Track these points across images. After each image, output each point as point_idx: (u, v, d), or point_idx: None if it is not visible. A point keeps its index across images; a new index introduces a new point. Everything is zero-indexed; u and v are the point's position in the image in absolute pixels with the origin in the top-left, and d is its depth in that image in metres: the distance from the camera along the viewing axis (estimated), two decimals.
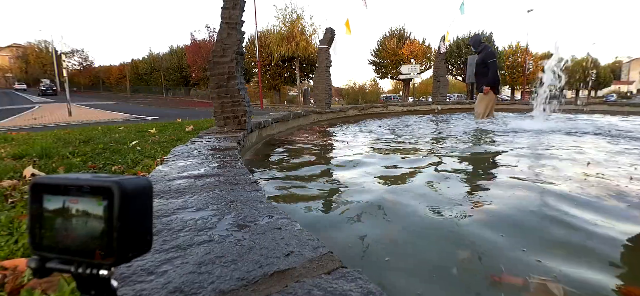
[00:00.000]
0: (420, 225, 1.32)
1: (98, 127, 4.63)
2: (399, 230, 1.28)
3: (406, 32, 29.64)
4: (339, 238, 1.21)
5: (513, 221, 1.32)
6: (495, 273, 0.95)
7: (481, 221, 1.31)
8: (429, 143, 3.37)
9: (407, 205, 1.51)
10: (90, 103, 21.97)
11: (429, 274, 0.97)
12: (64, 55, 12.18)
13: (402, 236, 1.23)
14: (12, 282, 0.76)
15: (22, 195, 1.45)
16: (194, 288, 0.59)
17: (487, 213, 1.40)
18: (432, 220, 1.35)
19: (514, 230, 1.23)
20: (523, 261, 1.01)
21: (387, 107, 8.27)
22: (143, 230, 0.31)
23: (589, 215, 1.35)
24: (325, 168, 2.37)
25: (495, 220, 1.32)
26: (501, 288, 0.89)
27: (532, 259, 1.01)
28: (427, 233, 1.25)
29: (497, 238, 1.16)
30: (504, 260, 1.01)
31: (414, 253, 1.10)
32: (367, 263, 1.04)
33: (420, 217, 1.39)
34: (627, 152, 2.67)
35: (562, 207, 1.44)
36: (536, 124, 4.63)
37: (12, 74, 48.62)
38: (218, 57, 2.93)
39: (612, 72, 40.01)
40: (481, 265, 1.00)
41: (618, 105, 8.63)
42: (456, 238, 1.18)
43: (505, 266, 0.98)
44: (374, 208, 1.49)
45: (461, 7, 9.95)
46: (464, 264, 1.01)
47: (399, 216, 1.41)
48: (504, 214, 1.39)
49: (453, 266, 1.00)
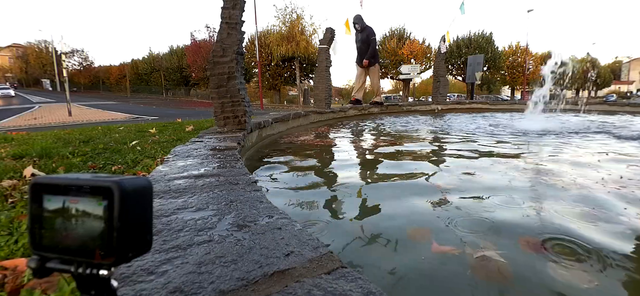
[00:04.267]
0: (416, 220, 1.33)
1: (98, 127, 4.63)
2: (393, 225, 1.28)
3: (406, 32, 29.66)
4: (339, 238, 1.21)
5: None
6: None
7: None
8: (428, 142, 3.37)
9: (406, 201, 1.52)
10: (90, 103, 21.98)
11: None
12: (64, 55, 12.18)
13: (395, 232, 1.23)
14: (12, 282, 0.76)
15: (22, 195, 1.45)
16: (194, 288, 0.59)
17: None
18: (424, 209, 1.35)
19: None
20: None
21: (387, 107, 8.27)
22: (143, 230, 0.31)
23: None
24: (326, 168, 2.37)
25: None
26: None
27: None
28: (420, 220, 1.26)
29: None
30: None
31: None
32: (366, 262, 1.04)
33: (415, 213, 1.39)
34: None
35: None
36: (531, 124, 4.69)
37: (12, 73, 48.61)
38: (218, 57, 2.93)
39: (612, 72, 40.05)
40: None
41: (618, 105, 8.63)
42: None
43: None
44: (374, 208, 1.49)
45: (461, 7, 9.93)
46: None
47: (396, 213, 1.42)
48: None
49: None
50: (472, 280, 0.92)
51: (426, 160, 2.56)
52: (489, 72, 30.76)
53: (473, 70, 14.20)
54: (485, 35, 29.17)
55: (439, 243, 1.12)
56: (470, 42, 28.92)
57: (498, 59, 29.78)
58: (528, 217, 1.34)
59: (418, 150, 2.99)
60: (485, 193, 1.66)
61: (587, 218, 1.32)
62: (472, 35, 29.31)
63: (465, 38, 29.32)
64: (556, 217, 1.33)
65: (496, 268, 0.97)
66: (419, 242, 1.17)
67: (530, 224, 1.27)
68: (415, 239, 1.19)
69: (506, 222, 1.30)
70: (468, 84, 17.84)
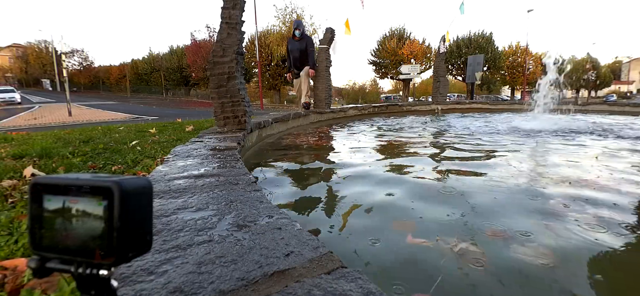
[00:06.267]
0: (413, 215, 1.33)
1: (98, 127, 4.62)
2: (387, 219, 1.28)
3: (406, 32, 29.64)
4: (339, 237, 1.21)
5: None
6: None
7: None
8: (428, 141, 3.36)
9: (403, 199, 1.52)
10: (90, 103, 21.98)
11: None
12: (64, 55, 12.17)
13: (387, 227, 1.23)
14: (12, 282, 0.76)
15: (22, 195, 1.45)
16: (194, 288, 0.59)
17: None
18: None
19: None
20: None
21: (387, 107, 8.27)
22: (143, 230, 0.31)
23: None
24: (326, 167, 2.37)
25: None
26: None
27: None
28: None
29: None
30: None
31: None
32: (371, 264, 1.04)
33: (411, 210, 1.39)
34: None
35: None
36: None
37: (12, 73, 48.62)
38: (218, 57, 2.93)
39: (612, 72, 40.04)
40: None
41: (618, 105, 8.63)
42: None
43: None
44: (374, 207, 1.49)
45: (461, 7, 9.93)
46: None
47: (393, 210, 1.42)
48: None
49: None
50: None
51: (425, 159, 2.56)
52: (489, 72, 30.75)
53: (473, 70, 14.21)
54: (485, 35, 29.14)
55: (413, 235, 1.21)
56: (470, 42, 28.90)
57: (498, 59, 29.77)
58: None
59: (417, 150, 2.99)
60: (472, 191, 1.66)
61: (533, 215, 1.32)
62: (472, 35, 29.31)
63: (465, 38, 29.30)
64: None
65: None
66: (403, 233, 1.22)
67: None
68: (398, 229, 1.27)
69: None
70: (468, 84, 17.85)
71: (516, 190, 1.73)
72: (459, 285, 0.91)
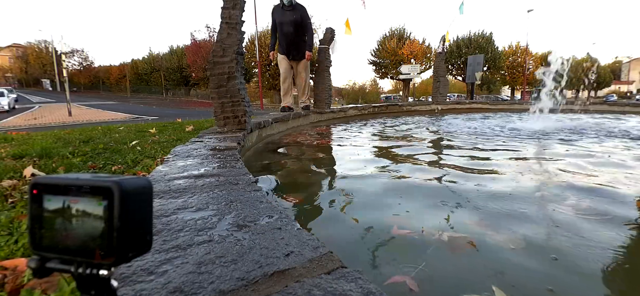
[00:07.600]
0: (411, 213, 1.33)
1: (98, 127, 4.62)
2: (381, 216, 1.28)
3: (406, 32, 29.66)
4: (339, 237, 1.21)
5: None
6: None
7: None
8: (426, 141, 3.37)
9: (402, 198, 1.52)
10: (90, 103, 21.98)
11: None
12: (64, 55, 12.18)
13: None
14: (12, 282, 0.76)
15: (22, 195, 1.45)
16: (194, 288, 0.59)
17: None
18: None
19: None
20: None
21: (387, 107, 8.27)
22: (143, 230, 0.31)
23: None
24: (326, 167, 2.37)
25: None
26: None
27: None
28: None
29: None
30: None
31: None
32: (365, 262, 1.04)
33: (408, 208, 1.39)
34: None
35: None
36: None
37: (12, 73, 48.62)
38: (218, 57, 2.93)
39: (612, 72, 40.06)
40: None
41: (618, 105, 8.63)
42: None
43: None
44: (374, 206, 1.49)
45: (460, 7, 9.93)
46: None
47: (391, 209, 1.42)
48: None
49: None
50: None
51: (424, 159, 2.56)
52: (489, 72, 30.76)
53: (473, 70, 14.21)
54: (485, 35, 29.16)
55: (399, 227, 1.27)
56: (470, 42, 28.91)
57: (498, 59, 29.78)
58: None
59: (417, 150, 2.99)
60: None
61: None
62: (472, 35, 29.32)
63: (465, 38, 29.32)
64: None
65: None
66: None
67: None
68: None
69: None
70: (468, 84, 17.84)
71: (520, 191, 1.73)
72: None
